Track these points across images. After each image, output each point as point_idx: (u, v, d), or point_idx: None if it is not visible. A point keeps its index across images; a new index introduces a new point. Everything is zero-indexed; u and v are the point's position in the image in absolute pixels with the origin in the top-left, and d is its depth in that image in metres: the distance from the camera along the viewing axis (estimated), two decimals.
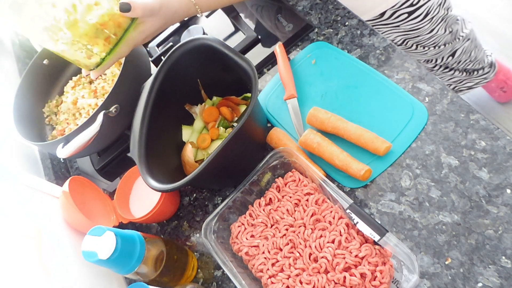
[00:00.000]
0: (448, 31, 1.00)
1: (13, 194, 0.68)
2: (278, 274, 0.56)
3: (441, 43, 1.02)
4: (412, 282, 0.48)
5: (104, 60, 0.57)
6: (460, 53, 1.08)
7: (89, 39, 0.54)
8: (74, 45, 0.55)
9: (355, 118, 0.66)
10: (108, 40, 0.55)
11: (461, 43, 1.06)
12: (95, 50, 0.56)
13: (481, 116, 0.60)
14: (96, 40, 0.55)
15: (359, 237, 0.55)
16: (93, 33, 0.54)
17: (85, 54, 0.56)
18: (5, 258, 0.56)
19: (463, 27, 1.05)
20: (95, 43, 0.55)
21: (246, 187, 0.62)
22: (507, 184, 0.55)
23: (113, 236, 0.52)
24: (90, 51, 0.55)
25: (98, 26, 0.54)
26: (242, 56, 0.63)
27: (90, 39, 0.54)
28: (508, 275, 0.51)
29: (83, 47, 0.55)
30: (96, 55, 0.56)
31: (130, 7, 0.54)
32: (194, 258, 0.69)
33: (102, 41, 0.55)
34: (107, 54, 0.57)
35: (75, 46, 0.55)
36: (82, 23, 0.53)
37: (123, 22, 0.55)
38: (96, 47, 0.55)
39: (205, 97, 0.78)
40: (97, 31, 0.54)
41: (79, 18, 0.53)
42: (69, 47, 0.55)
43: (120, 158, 0.88)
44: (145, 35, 0.59)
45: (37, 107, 0.88)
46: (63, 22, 0.52)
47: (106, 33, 0.55)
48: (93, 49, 0.56)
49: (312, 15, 0.82)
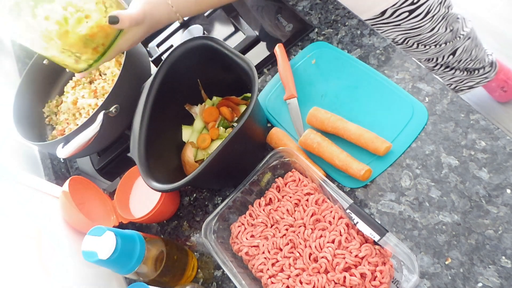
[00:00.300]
0: (449, 30, 1.00)
1: (13, 194, 0.68)
2: (278, 274, 0.57)
3: (442, 41, 1.02)
4: (412, 282, 0.48)
5: (91, 66, 0.60)
6: (460, 52, 1.08)
7: (79, 48, 0.57)
8: (64, 53, 0.57)
9: (355, 118, 0.66)
10: (97, 49, 0.58)
11: (461, 41, 1.06)
12: (83, 58, 0.59)
13: (481, 116, 0.60)
14: (85, 49, 0.58)
15: (359, 237, 0.55)
16: (83, 43, 0.57)
17: (73, 60, 0.59)
18: (5, 258, 0.56)
19: (464, 26, 1.05)
20: (84, 52, 0.58)
21: (246, 187, 0.62)
22: (507, 184, 0.55)
23: (113, 236, 0.52)
24: (79, 58, 0.58)
25: (88, 37, 0.57)
26: (242, 56, 0.63)
27: (80, 48, 0.57)
28: (508, 275, 0.51)
29: (72, 55, 0.58)
30: (83, 62, 0.59)
31: (118, 20, 0.56)
32: (194, 258, 0.69)
33: (91, 50, 0.58)
34: (94, 62, 0.60)
35: (65, 54, 0.58)
36: (72, 34, 0.56)
37: (111, 33, 0.58)
38: (84, 55, 0.58)
39: (205, 97, 0.78)
40: (86, 41, 0.57)
41: (70, 30, 0.56)
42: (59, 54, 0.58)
43: (120, 158, 0.88)
44: (130, 43, 0.62)
45: (37, 107, 0.88)
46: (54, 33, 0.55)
47: (94, 43, 0.58)
48: (81, 56, 0.58)
49: (312, 15, 0.82)
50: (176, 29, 0.96)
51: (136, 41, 0.63)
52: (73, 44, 0.56)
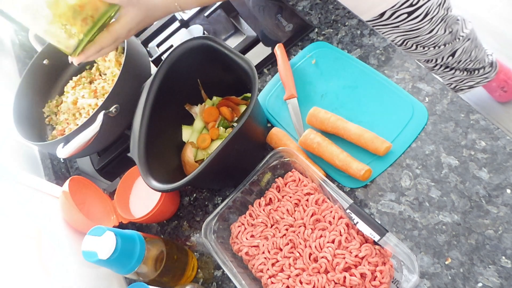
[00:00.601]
0: (448, 31, 1.00)
1: (13, 194, 0.68)
2: (278, 274, 0.57)
3: (441, 43, 1.02)
4: (412, 282, 0.48)
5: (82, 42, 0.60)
6: (460, 53, 1.08)
7: (67, 19, 0.58)
8: (54, 24, 0.58)
9: (355, 118, 0.66)
10: (85, 21, 0.59)
11: (461, 43, 1.06)
12: (73, 31, 0.59)
13: (481, 116, 0.60)
14: (74, 20, 0.58)
15: (359, 237, 0.55)
16: (71, 13, 0.58)
17: (64, 34, 0.59)
18: (5, 258, 0.56)
19: (464, 27, 1.05)
20: (73, 24, 0.59)
21: (246, 187, 0.62)
22: (507, 184, 0.55)
23: (113, 236, 0.52)
24: (69, 31, 0.59)
25: (77, 8, 0.58)
26: (242, 56, 0.63)
27: (68, 19, 0.58)
28: (508, 275, 0.51)
29: (62, 27, 0.59)
30: (74, 36, 0.60)
31: None
32: (194, 258, 0.69)
33: (80, 22, 0.59)
34: (85, 36, 0.60)
35: (55, 26, 0.58)
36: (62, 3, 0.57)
37: (101, 7, 0.59)
38: (74, 27, 0.59)
39: (205, 97, 0.78)
40: (74, 12, 0.58)
41: None
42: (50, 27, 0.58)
43: (120, 158, 0.88)
44: (128, 28, 0.62)
45: (37, 107, 0.88)
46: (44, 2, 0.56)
47: (83, 14, 0.58)
48: (71, 29, 0.59)
49: (312, 15, 0.82)
50: (176, 29, 0.96)
51: (134, 28, 0.63)
52: (62, 14, 0.57)
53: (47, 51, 0.88)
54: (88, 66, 0.92)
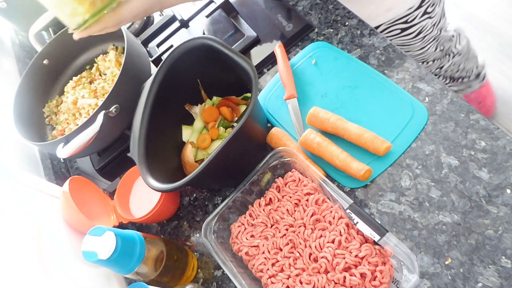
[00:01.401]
0: (439, 49, 1.00)
1: (13, 194, 0.68)
2: (278, 274, 0.57)
3: (430, 59, 1.03)
4: (412, 282, 0.48)
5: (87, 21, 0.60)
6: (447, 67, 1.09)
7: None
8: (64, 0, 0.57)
9: (355, 118, 0.66)
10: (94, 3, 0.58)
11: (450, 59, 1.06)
12: (79, 10, 0.58)
13: (481, 116, 0.60)
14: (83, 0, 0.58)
15: (359, 237, 0.55)
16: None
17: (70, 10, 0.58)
18: (5, 258, 0.56)
19: (457, 43, 1.05)
20: (81, 3, 0.58)
21: (246, 187, 0.62)
22: (507, 184, 0.55)
23: (113, 236, 0.52)
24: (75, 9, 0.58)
25: None
26: (242, 56, 0.63)
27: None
28: (508, 275, 0.51)
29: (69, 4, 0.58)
30: (79, 15, 0.59)
31: None
32: (194, 258, 0.69)
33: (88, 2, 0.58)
34: (90, 17, 0.59)
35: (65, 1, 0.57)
36: None
37: None
38: (81, 6, 0.58)
39: (205, 97, 0.78)
40: None
41: None
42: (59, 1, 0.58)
43: (120, 158, 0.88)
44: (134, 13, 0.61)
45: (37, 107, 0.88)
46: None
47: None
48: (78, 8, 0.58)
49: (312, 15, 0.82)
50: (176, 29, 0.96)
51: (141, 14, 0.62)
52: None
53: (47, 51, 0.88)
54: (88, 66, 0.92)
